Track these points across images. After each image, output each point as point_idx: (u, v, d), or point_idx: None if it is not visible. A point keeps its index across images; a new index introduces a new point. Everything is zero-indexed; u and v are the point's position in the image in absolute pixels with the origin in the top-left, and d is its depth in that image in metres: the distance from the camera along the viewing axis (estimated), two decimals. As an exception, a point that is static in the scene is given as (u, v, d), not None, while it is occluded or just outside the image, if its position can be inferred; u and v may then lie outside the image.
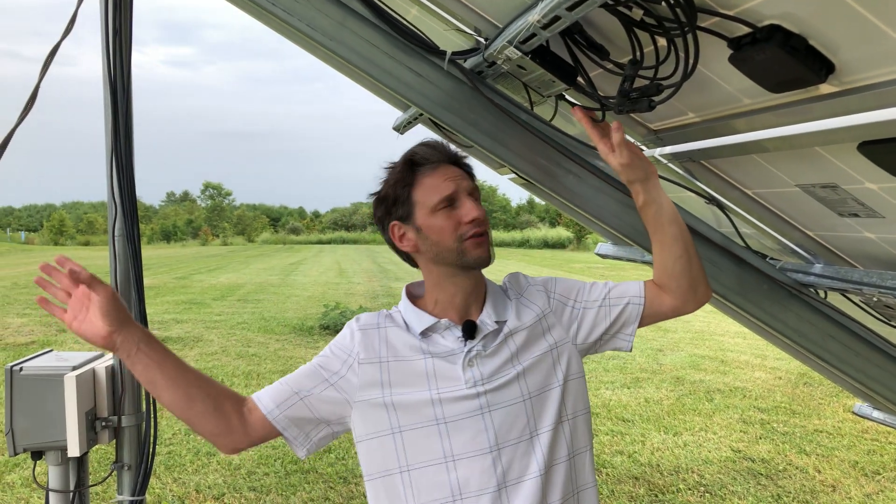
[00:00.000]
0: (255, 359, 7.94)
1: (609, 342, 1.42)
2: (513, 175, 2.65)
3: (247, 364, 7.66)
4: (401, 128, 2.59)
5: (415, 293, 1.41)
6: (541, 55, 1.34)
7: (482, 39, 1.59)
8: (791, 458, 4.95)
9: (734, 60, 1.06)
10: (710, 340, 9.68)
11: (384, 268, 22.08)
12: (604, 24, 1.25)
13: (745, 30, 1.00)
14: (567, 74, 1.37)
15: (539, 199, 4.70)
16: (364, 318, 1.37)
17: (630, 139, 1.39)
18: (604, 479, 4.49)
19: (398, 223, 1.34)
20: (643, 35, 1.16)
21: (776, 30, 0.95)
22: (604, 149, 1.38)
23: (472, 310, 1.35)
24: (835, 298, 1.85)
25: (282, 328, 10.06)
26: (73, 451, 1.81)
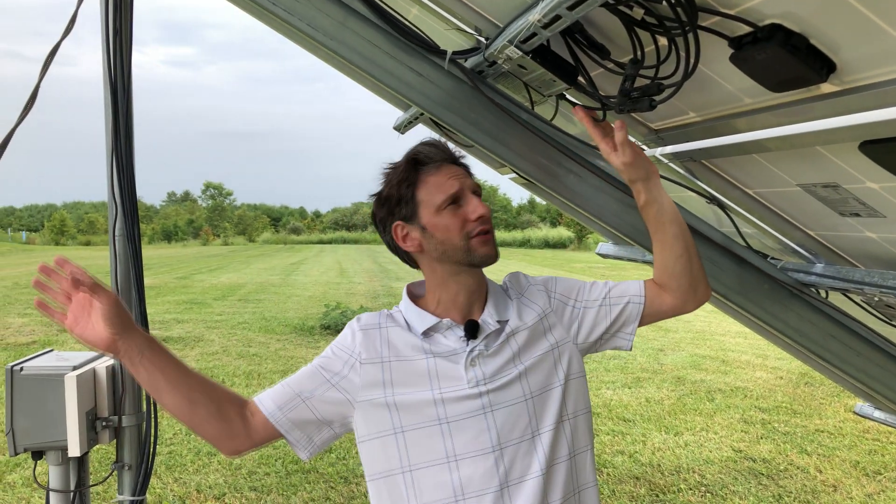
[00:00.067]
0: (256, 359, 7.94)
1: (609, 341, 1.42)
2: (513, 175, 2.65)
3: (248, 364, 7.66)
4: (401, 127, 2.59)
5: (416, 293, 1.41)
6: (541, 54, 1.34)
7: (483, 39, 1.59)
8: (792, 458, 4.94)
9: (735, 60, 1.06)
10: (711, 340, 9.68)
11: (385, 268, 22.08)
12: (604, 24, 1.25)
13: (746, 29, 1.00)
14: (568, 74, 1.37)
15: (540, 199, 4.69)
16: (365, 319, 1.37)
17: (631, 139, 1.39)
18: (605, 479, 4.48)
19: (402, 223, 1.33)
20: (644, 34, 1.16)
21: (777, 29, 0.95)
22: (605, 148, 1.38)
23: (474, 309, 1.35)
24: (836, 298, 1.85)
25: (283, 328, 10.06)
26: (74, 451, 1.81)
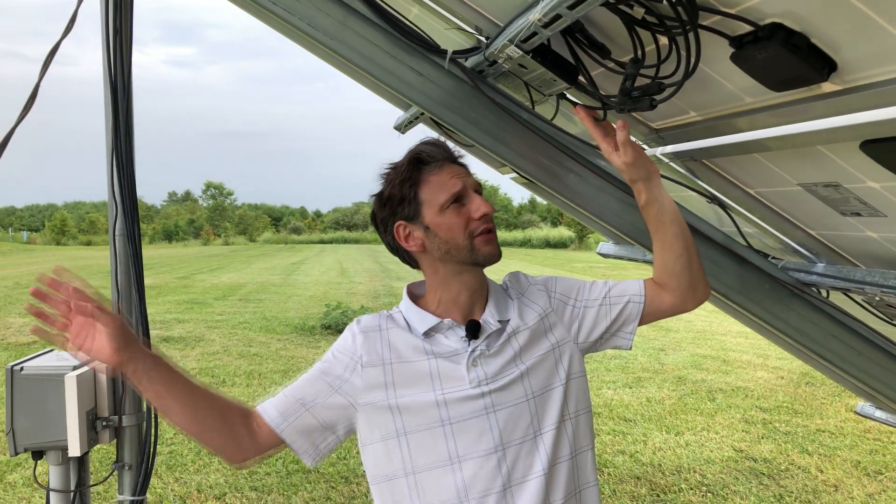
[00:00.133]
0: (257, 358, 7.94)
1: (609, 340, 1.42)
2: (514, 174, 2.64)
3: (248, 364, 7.66)
4: (402, 127, 2.59)
5: (416, 293, 1.40)
6: (542, 54, 1.34)
7: (483, 38, 1.59)
8: (793, 458, 4.94)
9: (736, 59, 1.06)
10: (712, 340, 9.68)
11: (386, 267, 22.09)
12: (605, 23, 1.24)
13: (747, 28, 0.99)
14: (568, 73, 1.37)
15: (541, 199, 4.69)
16: (365, 321, 1.36)
17: (632, 138, 1.38)
18: (605, 479, 4.48)
19: (404, 223, 1.32)
20: (644, 34, 1.16)
21: (778, 28, 0.95)
22: (607, 148, 1.37)
23: (475, 309, 1.35)
24: (837, 298, 1.85)
25: (283, 328, 10.07)
26: (74, 451, 1.81)
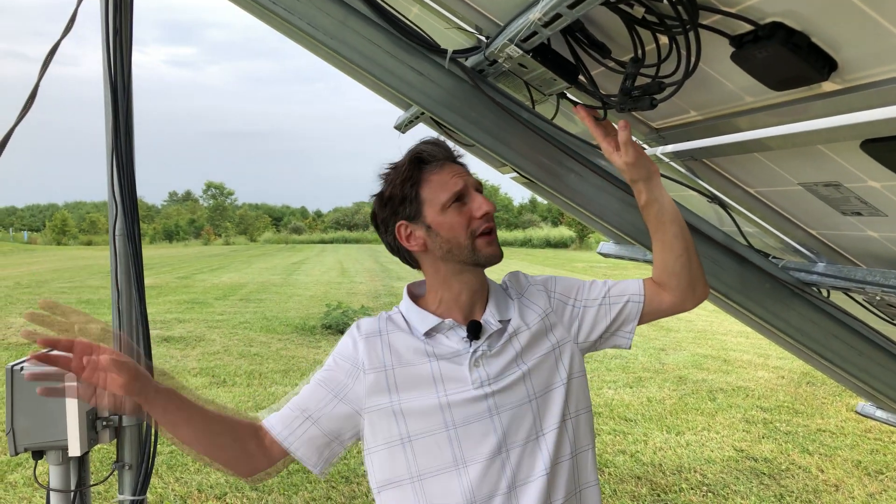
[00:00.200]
0: (258, 358, 7.94)
1: (609, 340, 1.42)
2: (514, 174, 2.64)
3: (249, 364, 7.66)
4: (402, 127, 2.59)
5: (416, 293, 1.40)
6: (542, 53, 1.34)
7: (483, 38, 1.58)
8: (794, 458, 4.94)
9: (736, 58, 1.05)
10: (713, 340, 9.67)
11: (386, 267, 22.09)
12: (605, 22, 1.24)
13: (747, 27, 0.99)
14: (568, 73, 1.37)
15: (541, 199, 4.69)
16: (365, 326, 1.35)
17: (633, 138, 1.38)
18: (606, 479, 4.48)
19: (405, 222, 1.32)
20: (645, 33, 1.15)
21: (778, 27, 0.95)
22: (607, 147, 1.37)
23: (476, 309, 1.35)
24: (838, 297, 1.84)
25: (284, 328, 10.07)
26: (74, 451, 1.81)
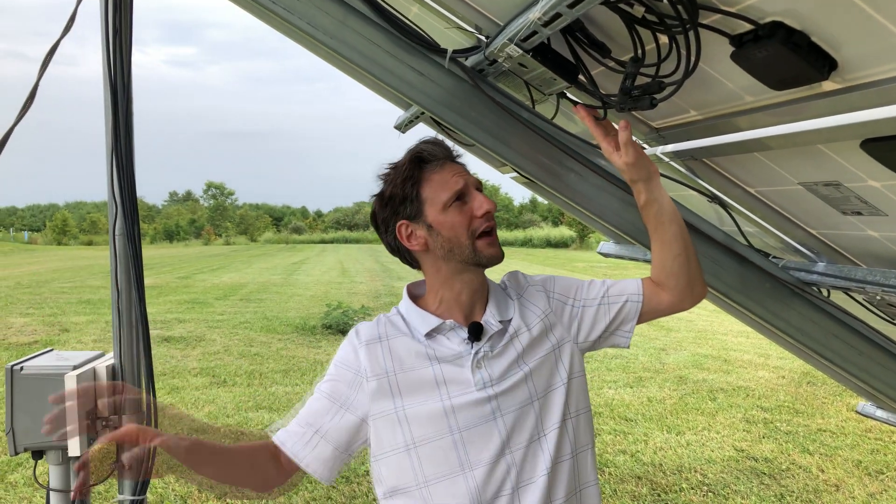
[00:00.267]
0: (258, 358, 7.94)
1: (608, 339, 1.42)
2: (514, 174, 2.64)
3: (249, 363, 7.66)
4: (402, 126, 2.59)
5: (416, 293, 1.40)
6: (542, 53, 1.33)
7: (483, 37, 1.58)
8: (794, 458, 4.94)
9: (736, 58, 1.05)
10: (713, 339, 9.67)
11: (387, 267, 22.08)
12: (605, 22, 1.24)
13: (747, 27, 0.99)
14: (568, 72, 1.37)
15: (541, 199, 4.69)
16: (365, 331, 1.34)
17: (633, 138, 1.38)
18: (606, 479, 4.48)
19: (406, 222, 1.32)
20: (645, 32, 1.15)
21: (778, 27, 0.95)
22: (607, 147, 1.37)
23: (476, 309, 1.35)
24: (838, 297, 1.84)
25: (284, 328, 10.07)
26: (74, 451, 1.81)
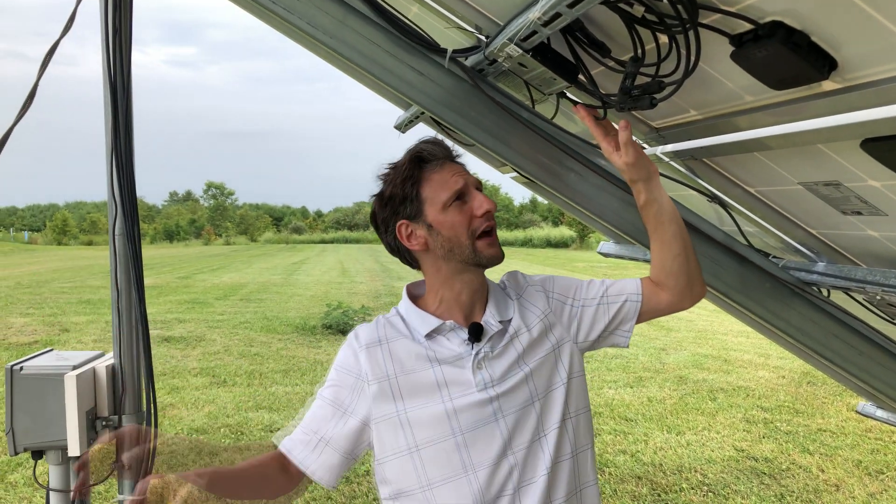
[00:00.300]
0: (258, 358, 7.95)
1: (607, 339, 1.41)
2: (514, 174, 2.64)
3: (249, 363, 7.66)
4: (402, 126, 2.59)
5: (415, 293, 1.40)
6: (542, 53, 1.33)
7: (483, 37, 1.58)
8: (794, 458, 4.94)
9: (736, 57, 1.05)
10: (713, 339, 9.67)
11: (387, 267, 22.08)
12: (605, 22, 1.24)
13: (747, 26, 0.99)
14: (568, 72, 1.37)
15: (542, 198, 4.69)
16: (364, 335, 1.34)
17: (633, 138, 1.38)
18: (606, 479, 4.48)
19: (406, 222, 1.31)
20: (644, 32, 1.15)
21: (778, 26, 0.94)
22: (607, 147, 1.37)
23: (476, 309, 1.34)
24: (838, 297, 1.84)
25: (284, 328, 10.07)
26: (74, 451, 1.81)
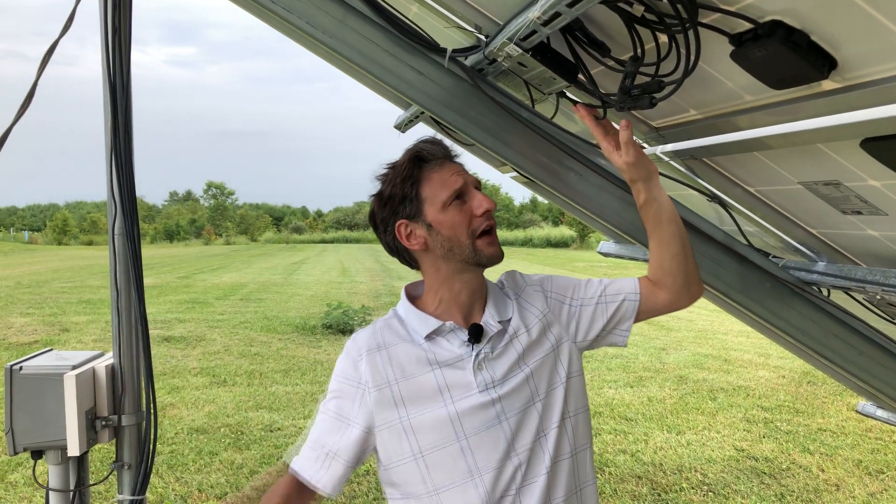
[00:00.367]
0: (258, 358, 7.95)
1: (606, 338, 1.42)
2: (514, 173, 2.64)
3: (249, 363, 7.67)
4: (402, 126, 2.59)
5: (414, 294, 1.40)
6: (541, 52, 1.33)
7: (483, 37, 1.58)
8: (794, 457, 4.94)
9: (736, 57, 1.05)
10: (714, 339, 9.67)
11: (387, 267, 22.08)
12: (604, 21, 1.24)
13: (747, 26, 0.99)
14: (568, 71, 1.37)
15: (542, 198, 4.69)
16: (363, 341, 1.33)
17: (633, 137, 1.38)
18: (607, 478, 4.48)
19: (406, 221, 1.31)
20: (644, 31, 1.15)
21: (778, 26, 0.94)
22: (607, 147, 1.37)
23: (475, 309, 1.34)
24: (838, 297, 1.84)
25: (284, 327, 10.07)
26: (73, 451, 1.81)
